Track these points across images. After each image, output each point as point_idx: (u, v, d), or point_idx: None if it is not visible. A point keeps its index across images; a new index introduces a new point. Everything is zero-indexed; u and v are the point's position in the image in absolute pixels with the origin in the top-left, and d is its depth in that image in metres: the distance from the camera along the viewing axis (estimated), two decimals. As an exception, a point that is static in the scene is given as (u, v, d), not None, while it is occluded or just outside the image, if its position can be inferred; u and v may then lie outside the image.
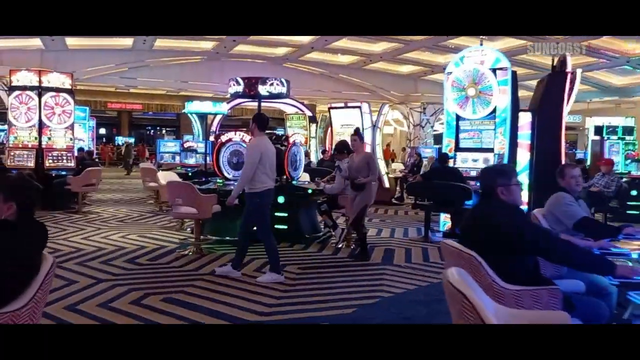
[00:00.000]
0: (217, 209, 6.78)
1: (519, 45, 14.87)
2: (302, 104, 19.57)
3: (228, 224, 7.29)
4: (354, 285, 5.41)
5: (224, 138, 7.48)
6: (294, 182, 7.74)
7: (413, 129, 24.99)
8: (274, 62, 20.23)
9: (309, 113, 17.29)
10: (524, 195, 8.45)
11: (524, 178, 8.45)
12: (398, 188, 13.75)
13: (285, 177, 7.76)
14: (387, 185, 12.80)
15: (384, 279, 5.68)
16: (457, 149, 8.66)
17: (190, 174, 11.22)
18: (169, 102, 31.58)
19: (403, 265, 6.37)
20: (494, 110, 8.19)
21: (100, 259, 6.32)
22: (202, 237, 7.16)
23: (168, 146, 15.91)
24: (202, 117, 18.21)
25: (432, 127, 25.42)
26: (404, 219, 10.50)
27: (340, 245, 7.32)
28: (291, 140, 7.61)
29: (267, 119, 5.75)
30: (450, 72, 8.64)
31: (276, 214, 7.57)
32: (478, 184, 8.10)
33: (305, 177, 9.01)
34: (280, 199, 7.55)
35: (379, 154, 13.05)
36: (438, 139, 26.28)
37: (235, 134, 7.52)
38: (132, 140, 35.23)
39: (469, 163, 8.50)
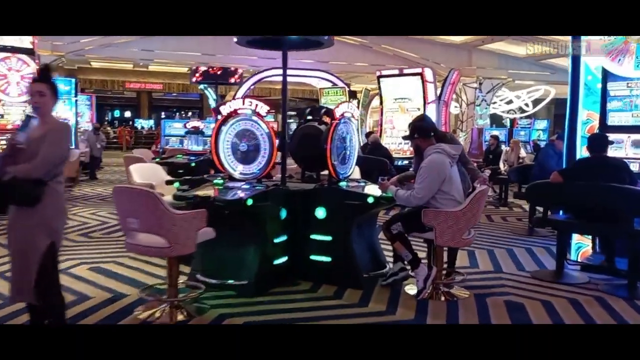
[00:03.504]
0: (208, 236, 3.74)
1: None
2: (338, 77, 16.40)
3: (230, 257, 4.25)
4: None
5: (225, 109, 4.39)
6: (342, 184, 4.63)
7: (466, 108, 21.51)
8: (305, 29, 17.13)
9: (347, 87, 14.07)
10: None
11: None
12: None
13: (328, 174, 4.65)
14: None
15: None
16: (604, 127, 5.37)
17: (193, 164, 8.21)
18: (191, 82, 28.79)
19: None
20: (678, 62, 4.88)
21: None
22: (185, 280, 4.17)
23: (175, 128, 12.93)
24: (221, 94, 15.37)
25: (488, 105, 21.91)
26: (495, 230, 7.28)
27: (424, 296, 4.21)
28: (338, 112, 4.44)
29: None
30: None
31: (313, 237, 4.50)
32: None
33: (355, 172, 5.88)
34: (321, 213, 4.47)
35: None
36: (496, 120, 22.81)
37: (243, 103, 4.43)
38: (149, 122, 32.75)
39: (625, 150, 5.22)
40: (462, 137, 20.58)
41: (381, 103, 10.46)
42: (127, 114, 37.58)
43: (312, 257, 4.52)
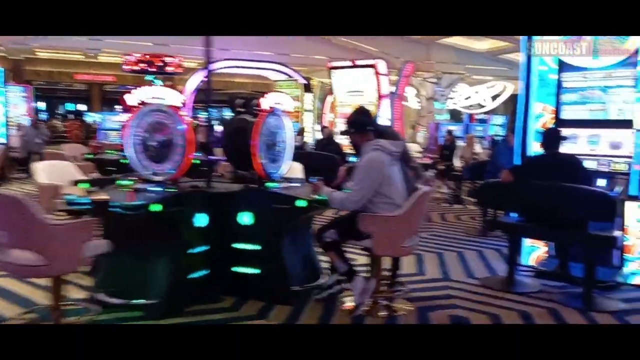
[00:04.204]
0: (99, 249, 3.15)
1: None
2: (295, 70, 15.83)
3: (136, 273, 3.67)
4: None
5: (130, 99, 3.79)
6: (271, 185, 4.10)
7: (426, 103, 21.29)
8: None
9: (302, 80, 13.55)
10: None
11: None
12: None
13: (253, 173, 4.11)
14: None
15: None
16: (559, 121, 5.01)
17: (124, 160, 7.47)
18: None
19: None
20: (636, 53, 4.53)
21: None
22: (80, 300, 3.57)
23: (114, 121, 12.06)
24: (171, 87, 14.57)
25: (446, 100, 21.76)
26: (447, 230, 6.89)
27: (361, 312, 3.73)
28: (264, 103, 3.91)
29: None
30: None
31: (239, 246, 3.96)
32: (603, 183, 4.53)
33: (295, 170, 5.37)
34: (246, 218, 3.93)
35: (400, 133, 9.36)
36: (455, 115, 22.70)
37: (155, 90, 3.84)
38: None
39: (580, 146, 4.87)
40: (422, 132, 20.41)
41: (333, 96, 9.98)
42: (81, 107, 35.99)
43: (237, 269, 3.98)
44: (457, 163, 9.72)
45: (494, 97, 24.28)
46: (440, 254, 5.58)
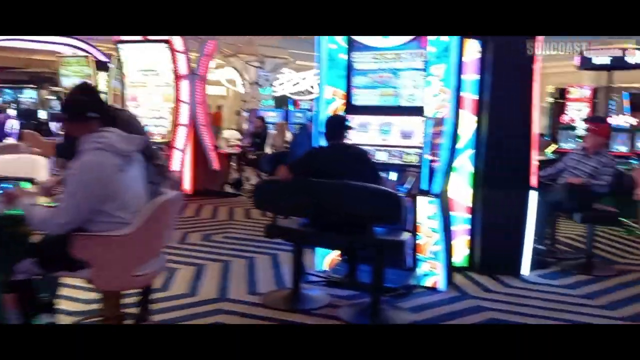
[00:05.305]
0: None
1: None
2: (94, 46, 13.80)
3: None
4: None
5: None
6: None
7: (250, 88, 20.50)
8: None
9: (100, 55, 11.73)
10: (465, 195, 4.65)
11: (464, 162, 4.61)
12: (235, 167, 9.27)
13: None
14: (215, 165, 8.22)
15: None
16: (350, 108, 4.44)
17: None
18: None
19: None
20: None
21: None
22: None
23: None
24: None
25: (271, 85, 21.25)
26: (247, 229, 6.12)
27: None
28: None
29: None
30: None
31: None
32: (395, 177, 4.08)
33: (33, 167, 4.02)
34: None
35: (202, 119, 8.34)
36: (280, 101, 22.28)
37: None
38: None
39: (370, 136, 4.35)
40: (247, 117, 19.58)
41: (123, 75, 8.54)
42: None
43: None
44: (269, 152, 9.05)
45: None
46: (227, 262, 4.74)
